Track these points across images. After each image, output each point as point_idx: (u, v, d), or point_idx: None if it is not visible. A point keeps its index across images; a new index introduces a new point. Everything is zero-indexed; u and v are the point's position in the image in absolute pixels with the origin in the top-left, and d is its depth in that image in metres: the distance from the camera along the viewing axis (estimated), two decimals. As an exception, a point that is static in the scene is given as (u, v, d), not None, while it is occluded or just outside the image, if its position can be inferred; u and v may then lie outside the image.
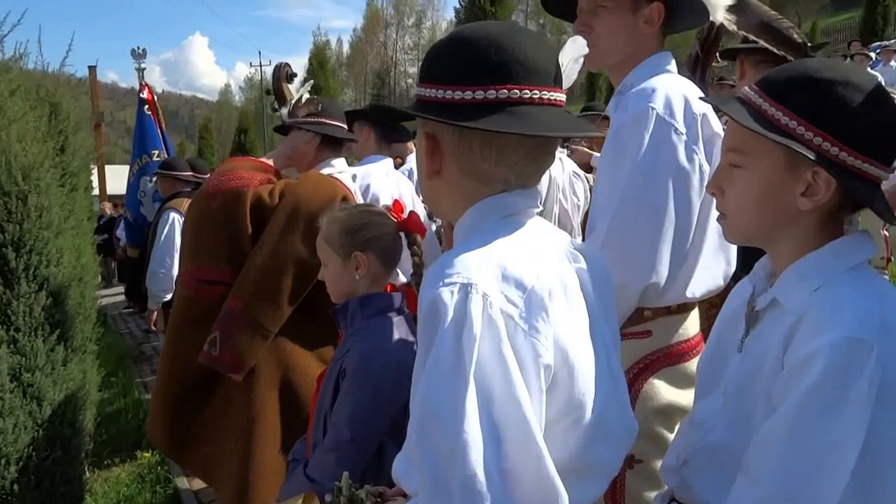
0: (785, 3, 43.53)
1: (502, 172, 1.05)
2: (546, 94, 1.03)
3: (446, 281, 0.94)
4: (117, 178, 12.14)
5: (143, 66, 6.60)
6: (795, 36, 2.53)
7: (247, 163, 2.52)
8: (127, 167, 6.82)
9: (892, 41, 12.43)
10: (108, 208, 13.50)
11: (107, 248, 12.52)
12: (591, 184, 3.16)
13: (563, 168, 3.46)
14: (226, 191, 2.30)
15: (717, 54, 2.76)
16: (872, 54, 10.45)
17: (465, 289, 0.93)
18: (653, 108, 1.60)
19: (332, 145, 2.70)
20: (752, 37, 2.44)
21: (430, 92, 1.05)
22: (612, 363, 1.10)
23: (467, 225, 1.08)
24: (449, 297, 0.92)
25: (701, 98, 1.18)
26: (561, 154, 3.63)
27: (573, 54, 1.80)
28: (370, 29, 71.90)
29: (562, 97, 1.07)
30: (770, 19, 2.47)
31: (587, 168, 4.13)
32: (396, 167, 5.66)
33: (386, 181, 3.39)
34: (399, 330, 1.73)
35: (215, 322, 2.23)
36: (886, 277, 5.92)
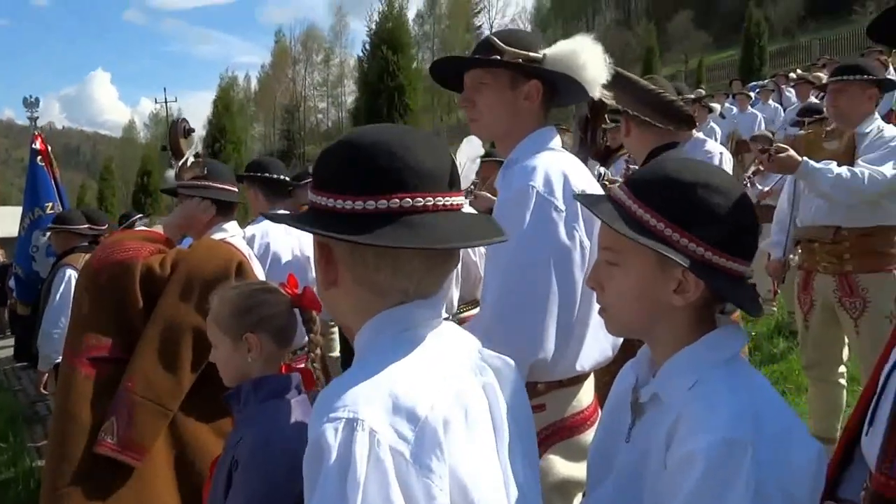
0: (672, 42, 46.61)
1: (400, 284, 1.02)
2: (441, 200, 1.01)
3: (331, 416, 0.89)
4: (14, 220, 11.41)
5: (35, 114, 6.23)
6: (680, 108, 2.62)
7: (135, 233, 2.44)
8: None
9: (768, 81, 13.46)
10: (0, 255, 12.70)
11: (-1, 298, 11.76)
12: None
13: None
14: (113, 263, 2.20)
15: (606, 115, 2.87)
16: (752, 94, 11.22)
17: (351, 425, 0.88)
18: (533, 187, 1.65)
19: (224, 209, 2.67)
20: (632, 112, 2.53)
21: (321, 200, 1.02)
22: (525, 485, 1.07)
23: (363, 342, 1.04)
24: (332, 435, 0.87)
25: (575, 196, 1.23)
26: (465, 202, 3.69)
27: (469, 154, 1.85)
28: (278, 65, 71.48)
29: (459, 200, 1.05)
30: (651, 95, 2.55)
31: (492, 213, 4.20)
32: (303, 215, 5.62)
33: (286, 238, 3.35)
34: (296, 412, 1.67)
35: (110, 406, 2.10)
36: (774, 309, 6.28)
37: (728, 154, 4.28)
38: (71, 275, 4.44)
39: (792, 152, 3.18)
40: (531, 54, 1.74)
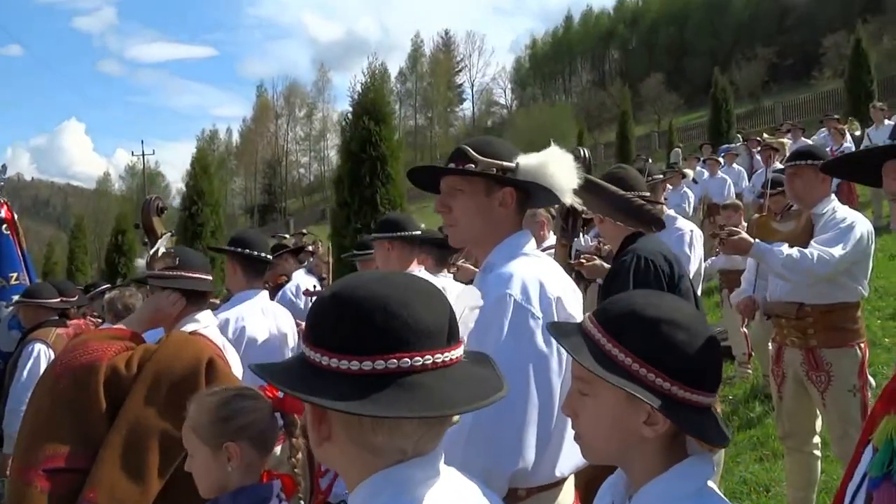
0: (645, 102, 48.13)
1: (398, 444, 0.99)
2: (440, 357, 0.99)
3: None
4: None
5: (1, 181, 6.18)
6: (648, 212, 2.70)
7: (101, 333, 2.36)
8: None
9: (736, 144, 14.00)
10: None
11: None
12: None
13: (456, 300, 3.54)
14: (76, 367, 2.12)
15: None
16: (721, 159, 11.61)
17: None
18: (510, 295, 1.70)
19: (196, 299, 2.54)
20: (601, 216, 2.61)
21: (315, 356, 0.99)
22: None
23: (359, 503, 1.02)
24: None
25: (547, 328, 1.27)
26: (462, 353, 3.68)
27: (468, 302, 1.87)
28: (260, 119, 71.91)
29: (457, 354, 1.03)
30: (621, 200, 2.62)
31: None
32: (282, 285, 5.60)
33: (262, 321, 3.28)
34: (275, 522, 1.66)
35: None
36: (749, 372, 6.35)
37: (698, 231, 4.41)
38: (40, 350, 4.32)
39: (744, 234, 3.33)
40: (504, 164, 1.81)
